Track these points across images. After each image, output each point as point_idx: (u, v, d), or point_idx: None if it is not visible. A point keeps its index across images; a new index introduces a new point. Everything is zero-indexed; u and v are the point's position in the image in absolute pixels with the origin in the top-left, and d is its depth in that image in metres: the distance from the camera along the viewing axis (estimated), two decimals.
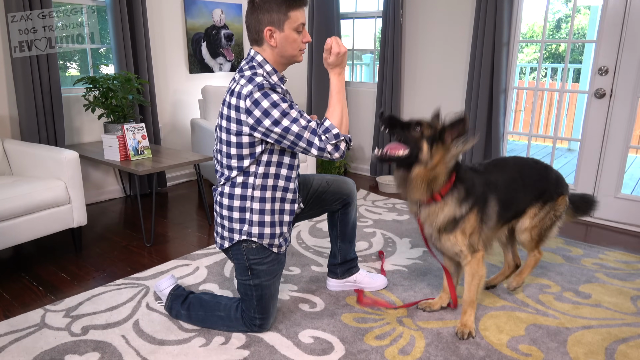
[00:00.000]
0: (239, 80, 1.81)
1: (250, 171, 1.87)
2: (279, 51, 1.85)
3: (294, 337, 2.02)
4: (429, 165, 1.84)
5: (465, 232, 1.96)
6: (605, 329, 2.10)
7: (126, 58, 3.67)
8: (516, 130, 6.24)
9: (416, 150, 1.84)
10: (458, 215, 1.93)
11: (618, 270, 2.68)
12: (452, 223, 1.94)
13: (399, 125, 1.87)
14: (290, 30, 1.82)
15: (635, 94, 3.18)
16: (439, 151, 1.84)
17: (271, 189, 1.91)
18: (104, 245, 3.01)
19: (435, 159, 1.84)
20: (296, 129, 1.75)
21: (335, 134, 1.77)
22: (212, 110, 4.02)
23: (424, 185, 1.87)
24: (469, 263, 2.02)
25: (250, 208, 1.90)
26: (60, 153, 2.77)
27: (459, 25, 3.91)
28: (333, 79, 1.86)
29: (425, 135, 1.84)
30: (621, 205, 3.36)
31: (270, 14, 1.79)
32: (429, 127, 1.87)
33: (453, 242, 1.97)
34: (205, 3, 4.30)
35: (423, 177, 1.86)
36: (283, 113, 1.73)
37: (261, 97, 1.73)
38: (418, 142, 1.84)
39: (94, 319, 2.15)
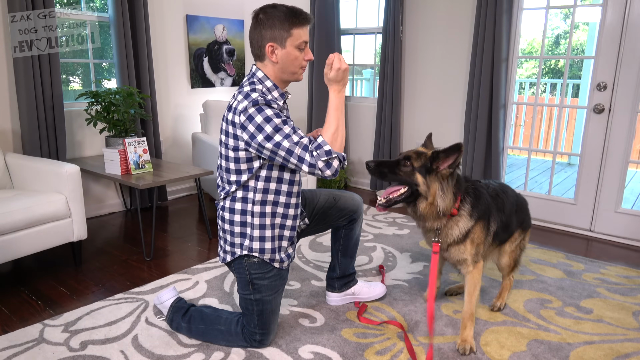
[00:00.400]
0: (237, 96, 1.83)
1: (250, 186, 1.88)
2: (280, 67, 1.86)
3: (294, 352, 2.01)
4: (429, 198, 1.88)
5: (474, 242, 2.01)
6: (607, 345, 2.08)
7: (128, 73, 3.71)
8: (516, 145, 6.26)
9: (413, 185, 1.88)
10: (469, 227, 1.99)
11: (619, 285, 2.67)
12: (464, 235, 2.00)
13: (388, 168, 1.90)
14: (292, 48, 1.83)
15: (634, 109, 3.20)
16: (434, 181, 1.87)
17: (271, 205, 1.91)
18: (104, 260, 3.00)
19: (432, 187, 1.87)
20: (287, 144, 1.73)
21: (326, 150, 1.73)
22: (213, 125, 4.04)
23: (434, 216, 1.93)
24: (470, 272, 2.06)
25: (251, 223, 1.91)
26: (61, 167, 2.78)
27: (458, 41, 3.95)
28: (332, 95, 1.84)
29: (416, 167, 1.88)
30: (622, 219, 3.36)
31: (273, 30, 1.81)
32: (418, 157, 1.90)
33: (462, 251, 2.02)
34: (207, 19, 4.35)
35: (430, 211, 1.91)
36: (275, 128, 1.73)
37: (255, 113, 1.74)
38: (411, 176, 1.88)
39: (93, 333, 2.14)
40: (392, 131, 4.36)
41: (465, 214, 1.98)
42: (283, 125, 1.74)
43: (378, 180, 4.53)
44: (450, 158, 1.86)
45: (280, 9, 1.81)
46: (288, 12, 1.81)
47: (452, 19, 3.96)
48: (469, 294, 2.07)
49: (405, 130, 4.44)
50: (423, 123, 4.30)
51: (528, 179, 3.94)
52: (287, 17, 1.80)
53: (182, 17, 4.19)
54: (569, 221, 3.60)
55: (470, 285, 2.07)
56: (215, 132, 4.04)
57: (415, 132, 4.37)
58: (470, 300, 2.06)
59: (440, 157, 1.87)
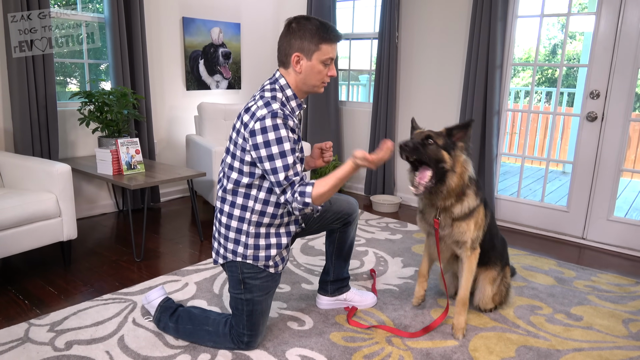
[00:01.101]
0: (257, 100, 1.83)
1: (252, 195, 1.88)
2: (303, 78, 1.87)
3: (282, 355, 1.99)
4: (458, 171, 1.97)
5: (477, 224, 2.08)
6: (596, 352, 2.07)
7: (123, 73, 3.70)
8: (511, 152, 6.28)
9: (439, 162, 1.94)
10: (474, 205, 2.06)
11: (610, 292, 2.66)
12: (467, 213, 2.06)
13: (419, 148, 1.94)
14: (318, 62, 1.84)
15: (626, 118, 3.21)
16: (459, 154, 1.98)
17: (270, 216, 1.91)
18: (94, 260, 2.98)
19: (458, 162, 1.97)
20: (281, 175, 1.74)
21: (307, 202, 1.74)
22: (208, 127, 4.04)
23: (457, 192, 2.01)
24: (468, 257, 2.13)
25: (247, 231, 1.90)
26: (52, 166, 2.76)
27: (453, 47, 3.97)
28: (348, 165, 1.79)
29: (440, 145, 1.96)
30: (614, 228, 3.36)
31: (302, 41, 1.82)
32: (438, 136, 1.98)
33: (464, 230, 2.06)
34: (203, 21, 4.35)
35: (458, 185, 1.99)
36: (282, 153, 1.74)
37: (270, 128, 1.73)
38: (437, 154, 1.95)
39: (79, 334, 2.12)
40: (387, 136, 4.36)
41: (471, 193, 2.06)
42: (290, 154, 1.74)
43: (372, 186, 4.53)
44: (462, 132, 1.99)
45: (313, 22, 1.82)
46: (320, 27, 1.82)
47: (447, 26, 3.97)
48: (466, 279, 2.14)
49: (400, 135, 4.44)
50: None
51: (522, 186, 3.95)
52: (318, 32, 1.81)
53: (179, 19, 4.19)
54: (561, 229, 3.60)
55: (467, 270, 2.14)
56: (209, 134, 4.03)
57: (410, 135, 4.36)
58: (467, 286, 2.15)
59: (454, 132, 1.99)
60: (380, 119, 4.38)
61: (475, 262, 2.15)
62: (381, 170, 4.45)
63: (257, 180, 1.87)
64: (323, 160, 2.16)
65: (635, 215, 4.04)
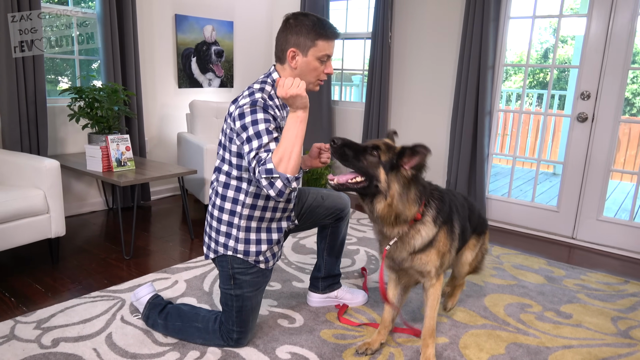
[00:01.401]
0: (245, 91, 1.84)
1: (242, 189, 1.87)
2: (298, 74, 1.85)
3: (271, 352, 1.98)
4: (388, 199, 1.67)
5: (439, 251, 1.84)
6: (585, 349, 2.08)
7: (114, 70, 3.67)
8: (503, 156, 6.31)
9: (374, 178, 1.67)
10: (433, 234, 1.81)
11: (599, 291, 2.68)
12: (427, 243, 1.82)
13: (354, 152, 1.70)
14: (313, 58, 1.83)
15: (616, 118, 3.24)
16: (396, 180, 1.68)
17: (261, 209, 1.90)
18: (82, 258, 2.94)
19: (393, 188, 1.67)
20: (252, 154, 1.66)
21: (267, 168, 1.59)
22: (200, 125, 4.01)
23: (391, 221, 1.72)
24: (433, 286, 1.89)
25: (238, 225, 1.89)
26: (40, 161, 2.73)
27: (446, 48, 3.98)
28: (288, 115, 1.67)
29: (383, 160, 1.68)
30: (603, 227, 3.39)
31: (299, 36, 1.80)
32: (387, 150, 1.70)
33: (425, 262, 1.83)
34: (196, 19, 4.33)
35: (388, 214, 1.70)
36: (257, 134, 1.68)
37: (248, 112, 1.72)
38: (375, 169, 1.67)
39: (66, 331, 2.09)
40: (379, 136, 4.36)
41: (429, 220, 1.80)
42: (264, 134, 1.68)
43: None
44: (415, 158, 1.66)
45: (311, 18, 1.81)
46: (317, 23, 1.81)
47: (440, 26, 3.99)
48: (431, 308, 1.91)
49: None
50: (409, 128, 4.31)
51: (513, 187, 3.97)
52: (315, 28, 1.80)
53: (171, 16, 4.17)
54: (551, 228, 3.62)
55: (432, 299, 1.90)
56: (201, 132, 4.01)
57: (402, 136, 4.34)
58: (432, 315, 1.91)
59: (406, 153, 1.68)
60: (372, 118, 4.38)
61: (440, 289, 1.91)
62: None
63: (245, 173, 1.86)
64: (320, 161, 2.12)
65: (624, 216, 4.07)
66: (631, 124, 5.84)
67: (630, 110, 7.59)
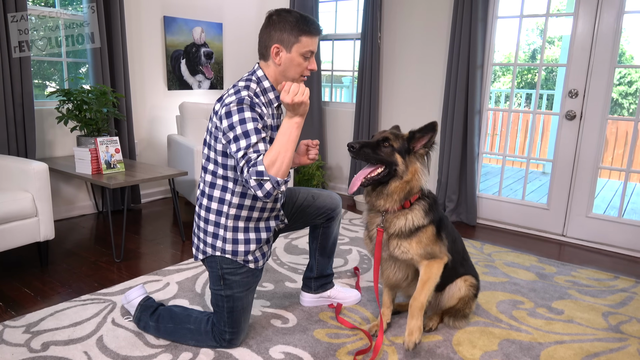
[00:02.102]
0: (230, 89, 1.82)
1: (229, 188, 1.86)
2: (282, 70, 1.85)
3: (264, 352, 1.97)
4: (406, 177, 1.87)
5: (421, 242, 1.91)
6: (577, 344, 2.10)
7: (102, 72, 3.64)
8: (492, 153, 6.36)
9: (392, 164, 1.87)
10: (420, 224, 1.91)
11: (590, 287, 2.70)
12: (411, 230, 1.91)
13: (371, 149, 1.88)
14: (297, 54, 1.82)
15: (604, 116, 3.28)
16: (413, 160, 1.89)
17: (248, 209, 1.89)
18: (72, 261, 2.91)
19: (411, 168, 1.88)
20: (240, 154, 1.66)
21: (258, 170, 1.60)
22: (190, 127, 3.99)
23: (400, 196, 1.90)
24: (428, 263, 1.93)
25: (225, 225, 1.88)
26: (28, 164, 2.70)
27: (435, 48, 4.00)
28: (284, 119, 1.70)
29: (396, 148, 1.88)
30: (592, 224, 3.42)
31: (282, 33, 1.80)
32: (396, 138, 1.90)
33: (405, 250, 1.92)
34: (185, 21, 4.32)
35: (400, 189, 1.89)
36: (244, 134, 1.68)
37: (235, 111, 1.71)
38: (391, 156, 1.87)
39: (56, 334, 2.06)
40: (370, 136, 4.37)
41: (419, 208, 1.92)
42: (253, 134, 1.67)
43: None
44: (426, 137, 1.88)
45: (293, 14, 1.81)
46: (300, 19, 1.81)
47: (429, 26, 4.01)
48: (422, 281, 1.93)
49: None
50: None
51: (503, 186, 3.99)
52: (298, 24, 1.79)
53: (160, 18, 4.15)
54: (542, 226, 3.65)
55: (425, 273, 1.93)
56: (191, 134, 3.99)
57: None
58: (422, 288, 1.93)
59: (416, 136, 1.89)
60: (363, 118, 4.39)
61: (437, 268, 1.94)
62: None
63: (230, 172, 1.84)
64: (308, 158, 2.11)
65: (613, 213, 4.11)
66: (618, 123, 5.92)
67: (620, 111, 7.69)
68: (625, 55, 7.38)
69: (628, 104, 7.84)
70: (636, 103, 7.55)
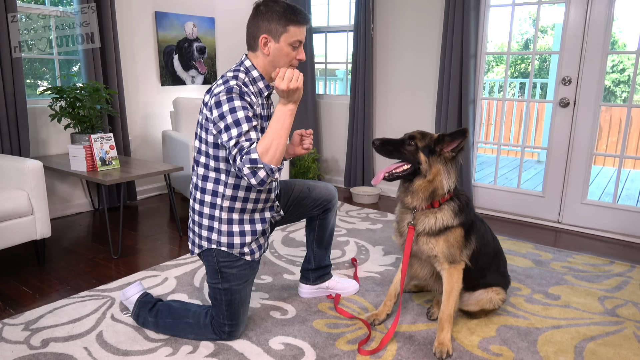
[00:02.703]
0: (218, 80, 1.83)
1: (221, 180, 1.86)
2: (271, 60, 1.85)
3: (264, 344, 1.98)
4: (429, 176, 1.89)
5: (448, 241, 1.94)
6: (574, 328, 2.12)
7: (95, 69, 3.62)
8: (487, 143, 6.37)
9: (416, 163, 1.91)
10: (448, 224, 1.93)
11: (586, 272, 2.73)
12: (440, 229, 1.94)
13: (393, 146, 1.93)
14: (285, 44, 1.82)
15: (597, 103, 3.29)
16: (437, 161, 1.90)
17: (241, 201, 1.89)
18: (69, 259, 2.91)
19: (434, 168, 1.89)
20: (232, 142, 1.66)
21: (252, 158, 1.60)
22: (184, 122, 3.98)
23: (425, 195, 1.92)
24: (447, 270, 1.96)
25: (219, 218, 1.88)
26: (22, 162, 2.68)
27: (428, 38, 4.00)
28: (277, 106, 1.69)
29: (420, 146, 1.91)
30: (588, 210, 3.44)
31: (270, 23, 1.80)
32: (422, 138, 1.92)
33: (432, 247, 1.94)
34: (177, 16, 4.29)
35: (424, 188, 1.91)
36: (235, 122, 1.67)
37: (224, 101, 1.71)
38: (415, 155, 1.91)
39: (55, 331, 2.06)
40: (365, 128, 4.38)
41: (448, 209, 1.94)
42: (243, 122, 1.67)
43: (352, 178, 4.54)
44: (455, 142, 1.88)
45: (281, 4, 1.81)
46: (287, 9, 1.80)
47: (422, 16, 4.00)
48: (447, 292, 1.96)
49: (378, 127, 4.46)
50: (395, 119, 4.33)
51: (498, 175, 4.01)
52: (286, 13, 1.79)
53: (151, 13, 4.12)
54: (537, 213, 3.67)
55: (447, 283, 1.96)
56: (186, 129, 3.98)
57: (388, 127, 4.39)
58: (448, 300, 1.96)
59: (446, 140, 1.90)
60: (357, 110, 4.39)
61: (458, 275, 1.97)
62: (360, 162, 4.46)
63: (222, 164, 1.84)
64: (302, 148, 2.11)
65: (608, 200, 4.14)
66: (612, 111, 5.94)
67: (614, 99, 7.71)
68: (617, 43, 7.40)
69: (620, 91, 7.87)
70: (628, 91, 7.59)
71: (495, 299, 2.12)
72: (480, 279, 2.10)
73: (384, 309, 2.16)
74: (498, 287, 2.14)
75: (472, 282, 2.09)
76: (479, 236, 2.05)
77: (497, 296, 2.12)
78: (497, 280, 2.15)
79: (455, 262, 1.97)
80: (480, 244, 2.05)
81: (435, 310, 2.21)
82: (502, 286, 2.17)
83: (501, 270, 2.19)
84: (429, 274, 2.11)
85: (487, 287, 2.13)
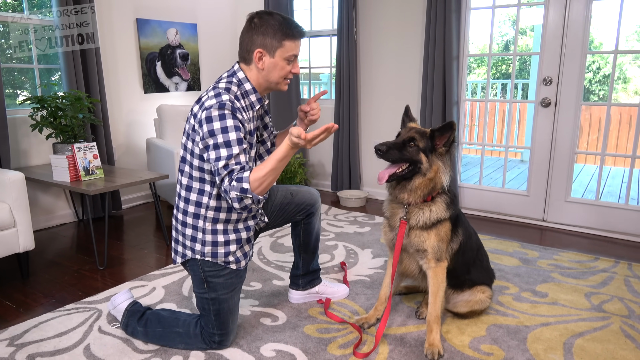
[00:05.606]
0: (209, 90, 1.79)
1: (206, 191, 1.84)
2: (265, 75, 1.84)
3: (256, 351, 1.96)
4: (430, 174, 1.91)
5: (439, 235, 1.96)
6: (562, 325, 2.14)
7: (76, 77, 3.57)
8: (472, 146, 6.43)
9: (417, 163, 1.92)
10: (442, 217, 1.96)
11: (572, 269, 2.76)
12: (433, 222, 1.96)
13: (397, 150, 1.93)
14: (281, 59, 1.81)
15: (578, 102, 3.35)
16: (436, 159, 1.92)
17: (226, 211, 1.87)
18: (54, 271, 2.85)
19: (434, 166, 1.91)
20: (221, 163, 1.66)
21: (243, 188, 1.62)
22: (168, 130, 3.95)
23: (424, 192, 1.94)
24: (432, 269, 1.97)
25: (203, 228, 1.86)
26: (3, 174, 2.63)
27: (411, 41, 4.03)
28: (284, 146, 1.67)
29: (421, 147, 1.92)
30: (571, 208, 3.49)
31: (265, 37, 1.78)
32: (422, 138, 1.93)
33: (423, 240, 1.96)
34: (159, 22, 4.26)
35: (424, 185, 1.93)
36: (226, 143, 1.67)
37: (216, 117, 1.69)
38: (417, 155, 1.92)
39: (41, 346, 2.02)
40: (351, 131, 4.39)
41: (441, 202, 1.97)
42: (235, 144, 1.67)
43: (339, 182, 4.54)
44: (445, 136, 1.90)
45: (276, 17, 1.79)
46: (283, 23, 1.78)
47: (404, 20, 4.04)
48: (433, 294, 1.98)
49: (363, 130, 4.47)
50: (380, 121, 4.35)
51: (483, 175, 4.05)
52: (281, 28, 1.77)
53: (133, 20, 4.09)
54: (522, 212, 3.71)
55: (433, 284, 1.98)
56: (170, 137, 3.94)
57: (374, 130, 4.41)
58: (435, 301, 1.97)
59: (436, 135, 1.91)
60: (343, 114, 4.40)
61: (442, 274, 1.98)
62: (347, 166, 4.47)
63: (207, 175, 1.82)
64: (312, 119, 2.02)
65: (591, 197, 4.21)
66: (591, 110, 6.05)
67: (592, 98, 7.86)
68: (594, 42, 7.55)
69: (597, 90, 8.03)
70: (604, 89, 7.75)
71: (484, 298, 2.14)
72: (466, 274, 2.13)
73: (374, 313, 2.17)
74: (483, 285, 2.17)
75: (458, 278, 2.11)
76: (463, 229, 2.09)
77: (483, 295, 2.14)
78: (482, 276, 2.18)
79: (440, 260, 1.98)
80: (466, 237, 2.09)
81: (424, 309, 2.22)
82: (487, 283, 2.20)
83: (484, 264, 2.22)
84: (417, 269, 2.10)
85: (473, 287, 2.15)
